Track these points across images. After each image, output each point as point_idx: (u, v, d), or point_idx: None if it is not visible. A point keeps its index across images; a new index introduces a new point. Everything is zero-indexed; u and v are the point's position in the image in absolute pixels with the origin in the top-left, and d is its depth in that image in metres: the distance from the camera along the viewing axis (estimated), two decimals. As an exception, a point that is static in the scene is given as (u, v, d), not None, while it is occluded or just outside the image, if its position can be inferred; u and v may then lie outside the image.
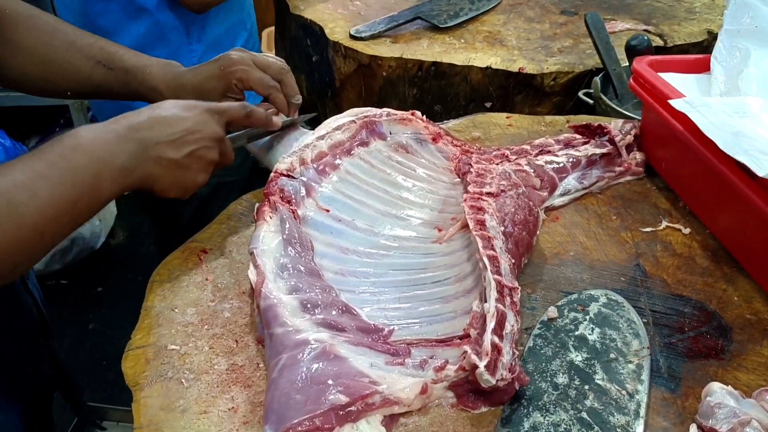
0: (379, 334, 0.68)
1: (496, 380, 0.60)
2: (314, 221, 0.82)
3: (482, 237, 0.73)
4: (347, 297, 0.72)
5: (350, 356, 0.63)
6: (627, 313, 0.72)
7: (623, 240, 0.86)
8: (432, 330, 0.70)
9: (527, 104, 1.33)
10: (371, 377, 0.62)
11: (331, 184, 0.87)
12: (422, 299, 0.74)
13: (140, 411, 0.64)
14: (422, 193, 0.90)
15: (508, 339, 0.63)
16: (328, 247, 0.79)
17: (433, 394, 0.63)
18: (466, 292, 0.74)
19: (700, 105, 0.81)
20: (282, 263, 0.73)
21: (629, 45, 1.15)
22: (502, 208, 0.80)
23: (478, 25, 1.49)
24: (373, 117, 0.95)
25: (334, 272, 0.76)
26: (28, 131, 2.62)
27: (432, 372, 0.64)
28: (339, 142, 0.91)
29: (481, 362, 0.60)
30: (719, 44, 0.96)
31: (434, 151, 0.97)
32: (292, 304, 0.68)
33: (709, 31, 1.42)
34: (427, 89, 1.36)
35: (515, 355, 0.63)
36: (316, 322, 0.67)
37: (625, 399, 0.63)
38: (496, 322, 0.63)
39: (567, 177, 0.94)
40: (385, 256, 0.80)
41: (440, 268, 0.78)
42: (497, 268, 0.70)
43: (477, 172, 0.86)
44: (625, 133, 0.98)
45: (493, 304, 0.65)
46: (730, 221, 0.83)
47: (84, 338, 2.18)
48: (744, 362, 0.69)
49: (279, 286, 0.70)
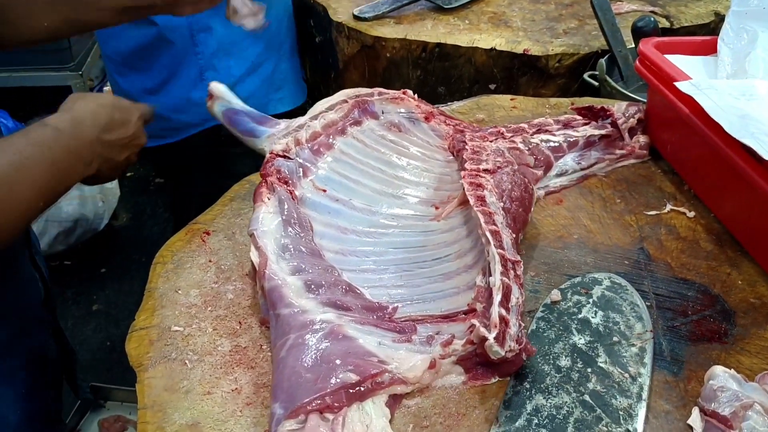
0: (384, 312, 0.69)
1: (504, 351, 0.61)
2: (312, 201, 0.82)
3: (483, 212, 0.74)
4: (349, 276, 0.73)
5: (358, 335, 0.64)
6: (630, 297, 0.72)
7: (627, 223, 0.85)
8: (436, 306, 0.70)
9: (532, 86, 1.32)
10: (379, 356, 0.62)
11: (326, 164, 0.87)
12: (424, 276, 0.75)
13: (144, 391, 0.65)
14: (417, 171, 0.90)
15: (514, 311, 0.64)
16: (326, 227, 0.80)
17: (441, 369, 0.64)
18: (468, 267, 0.75)
19: (706, 87, 0.81)
20: (283, 244, 0.73)
21: (635, 26, 1.14)
22: (500, 184, 0.80)
23: (483, 6, 1.47)
24: (365, 96, 0.95)
25: (334, 252, 0.77)
26: (31, 112, 2.61)
27: (439, 347, 0.64)
28: (332, 122, 0.91)
29: (491, 334, 0.61)
30: (726, 26, 0.95)
31: (427, 129, 0.97)
32: (297, 284, 0.69)
33: (716, 12, 1.40)
34: (431, 71, 1.35)
35: (521, 327, 0.64)
36: (322, 302, 0.67)
37: (628, 382, 0.63)
38: (502, 295, 0.64)
39: (564, 157, 0.94)
40: (384, 235, 0.80)
41: (440, 245, 0.79)
42: (500, 243, 0.70)
43: (472, 149, 0.86)
44: (628, 116, 0.97)
45: (499, 277, 0.66)
46: (735, 205, 0.82)
47: (88, 319, 2.19)
48: (747, 346, 0.69)
49: (282, 267, 0.70)
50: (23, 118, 2.46)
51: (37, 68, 2.20)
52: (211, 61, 1.37)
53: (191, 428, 0.61)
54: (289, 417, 0.57)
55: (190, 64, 1.36)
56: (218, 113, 0.94)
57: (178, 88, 1.38)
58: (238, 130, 0.91)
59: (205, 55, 1.36)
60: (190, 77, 1.37)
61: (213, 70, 1.37)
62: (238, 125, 0.92)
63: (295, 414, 0.57)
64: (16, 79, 2.21)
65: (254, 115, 0.93)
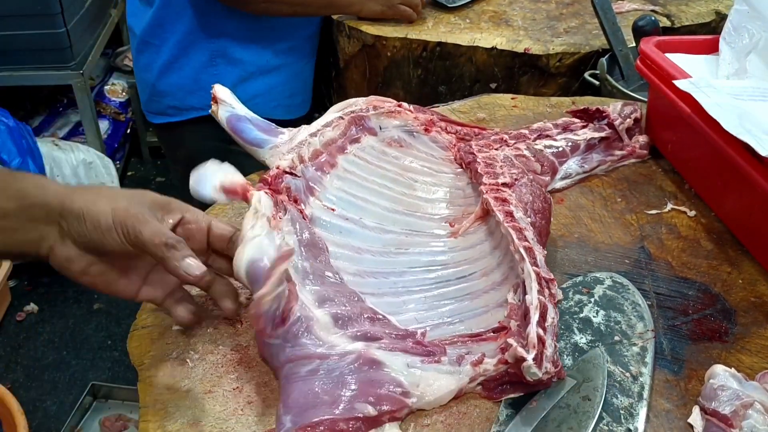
0: (414, 337, 0.66)
1: (542, 373, 0.59)
2: (322, 221, 0.79)
3: (514, 228, 0.71)
4: (372, 302, 0.70)
5: (385, 359, 0.62)
6: (632, 296, 0.72)
7: (628, 222, 0.86)
8: (465, 327, 0.68)
9: (532, 85, 1.32)
10: (404, 385, 0.61)
11: (331, 183, 0.84)
12: (449, 297, 0.72)
13: (146, 390, 0.65)
14: (426, 187, 0.88)
15: (550, 331, 0.62)
16: (340, 248, 0.76)
17: (465, 392, 0.63)
18: (496, 285, 0.72)
19: (704, 86, 0.81)
20: (303, 268, 0.70)
21: (636, 25, 1.14)
22: (521, 197, 0.78)
23: (483, 5, 1.47)
24: (360, 112, 0.92)
25: (352, 274, 0.73)
26: (32, 111, 2.61)
27: (470, 367, 0.62)
28: (331, 140, 0.88)
29: (529, 355, 0.59)
30: (728, 25, 0.95)
31: (428, 142, 0.94)
32: (325, 319, 0.65)
33: (717, 11, 1.40)
34: (431, 70, 1.35)
35: (556, 348, 0.62)
36: (351, 336, 0.64)
37: (629, 381, 0.63)
38: (540, 314, 0.62)
39: (567, 161, 0.93)
40: (400, 254, 0.78)
41: (462, 263, 0.76)
42: (534, 260, 0.68)
43: (484, 161, 0.84)
44: (624, 117, 0.97)
45: (536, 296, 0.64)
46: (736, 204, 0.82)
47: (89, 318, 2.20)
48: (747, 345, 0.69)
49: (306, 297, 0.67)
50: (23, 118, 2.46)
51: (37, 67, 2.20)
52: (224, 48, 1.38)
53: (192, 427, 0.61)
54: (298, 431, 0.56)
55: (202, 47, 1.37)
56: (222, 118, 0.91)
57: (189, 68, 1.41)
58: (242, 137, 0.88)
59: (218, 41, 1.37)
60: (202, 59, 1.39)
61: (223, 58, 1.39)
62: (242, 133, 0.88)
63: (303, 430, 0.56)
64: (16, 78, 2.21)
65: (259, 123, 0.90)
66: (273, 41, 1.40)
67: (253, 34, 1.38)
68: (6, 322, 2.19)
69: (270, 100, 1.44)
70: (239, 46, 1.38)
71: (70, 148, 2.38)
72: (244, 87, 1.39)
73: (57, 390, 1.96)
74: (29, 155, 2.16)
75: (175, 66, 1.41)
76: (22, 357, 2.08)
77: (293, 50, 1.44)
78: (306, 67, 1.50)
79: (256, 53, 1.40)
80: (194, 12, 1.34)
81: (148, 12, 1.37)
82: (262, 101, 1.43)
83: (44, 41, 2.13)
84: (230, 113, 0.90)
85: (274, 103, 1.45)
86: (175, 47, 1.38)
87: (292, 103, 1.49)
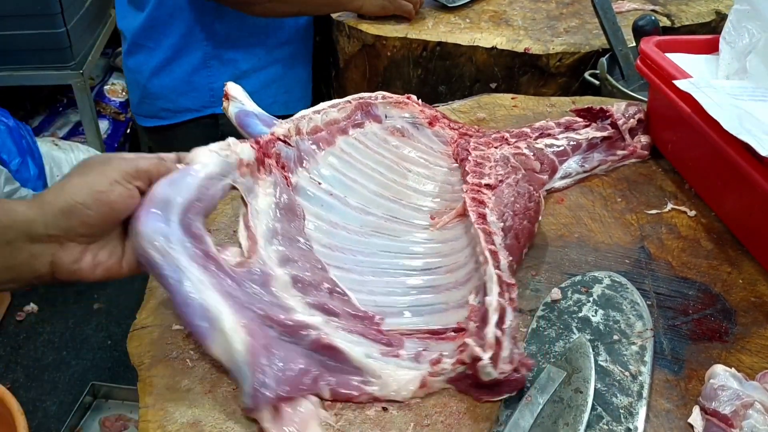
0: (371, 321, 0.68)
1: (498, 373, 0.60)
2: (306, 191, 0.81)
3: (484, 231, 0.72)
4: (335, 274, 0.72)
5: (346, 346, 0.63)
6: (630, 295, 0.72)
7: (628, 222, 0.86)
8: (423, 321, 0.70)
9: (533, 85, 1.32)
10: (363, 375, 0.62)
11: (324, 159, 0.86)
12: (412, 286, 0.74)
13: (146, 390, 0.65)
14: (418, 178, 0.89)
15: (508, 334, 0.63)
16: (318, 219, 0.79)
17: (432, 387, 0.64)
18: (459, 284, 0.73)
19: (704, 86, 0.81)
20: (273, 228, 0.73)
21: (636, 25, 1.14)
22: (501, 200, 0.79)
23: (483, 5, 1.47)
24: (368, 99, 0.94)
25: (322, 245, 0.76)
26: (32, 111, 2.61)
27: (428, 365, 0.63)
28: (334, 120, 0.90)
29: (485, 354, 0.60)
30: (728, 24, 0.95)
31: (431, 135, 0.96)
32: (284, 278, 0.68)
33: (717, 11, 1.40)
34: (431, 70, 1.35)
35: (514, 348, 0.62)
36: (309, 304, 0.67)
37: (628, 380, 0.63)
38: (498, 316, 0.63)
39: (567, 160, 0.93)
40: (375, 237, 0.79)
41: (431, 255, 0.78)
42: (498, 263, 0.69)
43: (475, 160, 0.85)
44: (628, 117, 0.97)
45: (496, 298, 0.64)
46: (736, 204, 0.82)
47: (89, 318, 2.19)
48: (748, 345, 0.69)
49: (270, 255, 0.69)
50: (23, 118, 2.46)
51: (37, 67, 2.20)
52: (217, 50, 1.38)
53: (192, 427, 0.61)
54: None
55: (195, 48, 1.38)
56: (232, 114, 0.94)
57: (181, 70, 1.41)
58: (248, 131, 0.90)
59: (211, 42, 1.37)
60: (194, 62, 1.39)
61: (217, 59, 1.39)
62: (248, 127, 0.90)
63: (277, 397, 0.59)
64: (16, 78, 2.21)
65: (264, 119, 0.91)
66: (265, 39, 1.41)
67: (247, 34, 1.39)
68: (6, 322, 2.19)
69: (266, 97, 1.44)
70: (232, 47, 1.39)
71: (70, 148, 2.37)
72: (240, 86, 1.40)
73: (57, 390, 1.96)
74: (29, 155, 2.16)
75: (168, 68, 1.41)
76: (22, 357, 2.08)
77: (285, 46, 1.45)
78: (300, 61, 1.50)
79: (249, 52, 1.41)
80: (189, 15, 1.34)
81: (140, 15, 1.37)
82: (257, 99, 1.42)
83: (44, 41, 2.12)
84: (239, 109, 0.92)
85: (270, 99, 1.46)
86: (169, 49, 1.39)
87: (289, 99, 1.50)
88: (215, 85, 1.40)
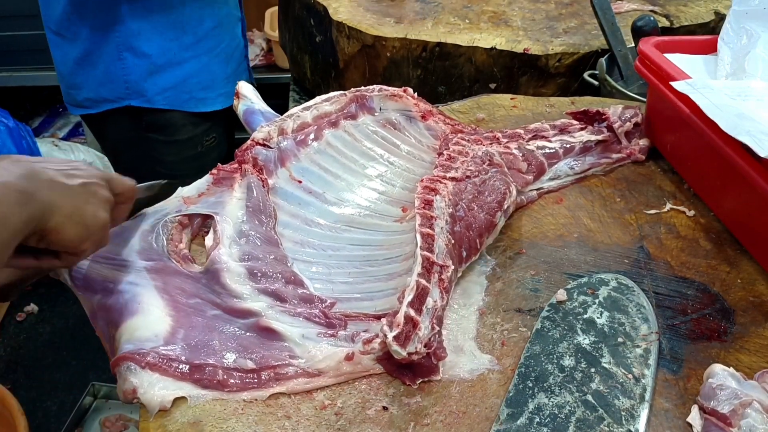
0: (321, 305, 0.70)
1: (407, 352, 0.61)
2: (284, 191, 0.83)
3: (423, 215, 0.75)
4: (300, 267, 0.74)
5: (282, 327, 0.66)
6: (637, 298, 0.72)
7: (627, 222, 0.86)
8: (372, 305, 0.71)
9: (532, 85, 1.32)
10: (295, 350, 0.64)
11: (308, 156, 0.88)
12: (370, 275, 0.75)
13: (146, 390, 0.65)
14: (398, 170, 0.90)
15: (428, 314, 0.64)
16: (292, 217, 0.81)
17: (361, 364, 0.65)
18: (409, 270, 0.74)
19: (702, 87, 0.81)
20: (242, 230, 0.76)
21: (635, 26, 1.14)
22: (460, 192, 0.80)
23: (482, 5, 1.47)
24: (364, 91, 0.96)
25: (294, 242, 0.78)
26: (32, 111, 2.62)
27: (361, 344, 0.65)
28: (325, 113, 0.92)
29: (390, 333, 0.61)
30: (727, 25, 0.95)
31: (422, 129, 0.96)
32: (239, 270, 0.71)
33: (716, 11, 1.41)
34: (431, 70, 1.35)
35: (435, 331, 0.64)
36: (259, 290, 0.69)
37: (631, 383, 0.63)
38: (414, 296, 0.65)
39: (558, 163, 0.94)
40: (346, 231, 0.81)
41: (394, 246, 0.79)
42: (429, 246, 0.71)
43: (450, 154, 0.87)
44: (624, 120, 0.97)
45: (415, 278, 0.67)
46: (735, 204, 0.83)
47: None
48: (746, 344, 0.69)
49: (231, 253, 0.73)
50: (23, 118, 2.46)
51: (37, 68, 2.20)
52: (129, 42, 1.39)
53: (193, 426, 0.61)
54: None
55: (109, 40, 1.40)
56: (240, 112, 0.97)
57: (100, 62, 1.44)
58: (251, 128, 0.94)
59: (122, 34, 1.39)
60: (110, 53, 1.42)
61: (130, 51, 1.41)
62: (252, 124, 0.95)
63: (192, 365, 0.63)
64: (16, 78, 2.21)
65: (267, 115, 0.95)
66: (178, 35, 1.44)
67: (158, 29, 1.41)
68: (6, 322, 2.19)
69: (181, 93, 1.48)
70: (145, 40, 1.41)
71: (70, 148, 2.38)
72: (154, 80, 1.43)
73: (57, 390, 1.97)
74: (29, 155, 2.16)
75: (88, 60, 1.43)
76: (22, 357, 2.08)
77: (199, 44, 1.47)
78: (221, 58, 1.53)
79: (162, 47, 1.43)
80: (96, 5, 1.36)
81: (59, 5, 1.38)
82: (173, 94, 1.47)
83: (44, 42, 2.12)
84: (247, 107, 0.97)
85: (186, 95, 1.48)
86: (87, 40, 1.41)
87: (206, 96, 1.52)
88: (130, 77, 1.43)
